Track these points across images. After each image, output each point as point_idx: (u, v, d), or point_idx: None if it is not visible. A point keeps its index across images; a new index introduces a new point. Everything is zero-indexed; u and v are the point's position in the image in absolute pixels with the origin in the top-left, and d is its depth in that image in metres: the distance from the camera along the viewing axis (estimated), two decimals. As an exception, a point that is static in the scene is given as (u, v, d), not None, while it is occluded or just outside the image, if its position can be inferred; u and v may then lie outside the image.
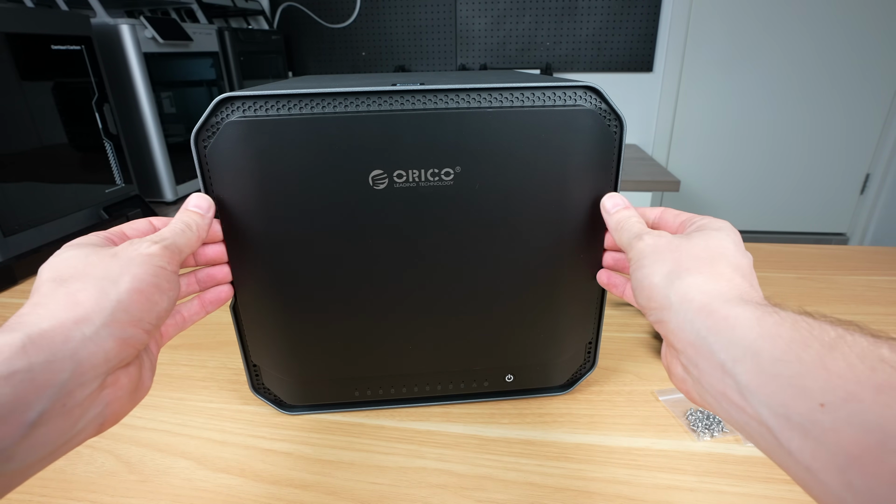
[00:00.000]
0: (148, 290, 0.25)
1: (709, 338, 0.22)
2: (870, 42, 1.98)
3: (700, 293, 0.24)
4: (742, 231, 1.84)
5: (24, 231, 0.77)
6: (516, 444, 0.40)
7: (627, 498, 0.35)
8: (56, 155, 0.84)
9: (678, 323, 0.24)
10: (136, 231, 0.31)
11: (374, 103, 0.33)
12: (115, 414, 0.24)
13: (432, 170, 0.34)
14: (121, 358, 0.24)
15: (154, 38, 1.09)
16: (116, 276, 0.24)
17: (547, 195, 0.36)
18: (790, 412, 0.18)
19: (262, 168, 0.33)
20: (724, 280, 0.24)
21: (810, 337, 0.19)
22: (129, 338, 0.24)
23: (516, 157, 0.34)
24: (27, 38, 0.78)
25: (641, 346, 0.52)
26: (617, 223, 0.33)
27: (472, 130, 0.33)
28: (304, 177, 0.34)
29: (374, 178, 0.34)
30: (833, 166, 2.20)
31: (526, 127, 0.34)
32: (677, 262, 0.26)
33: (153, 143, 1.14)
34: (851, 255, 0.75)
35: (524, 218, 0.36)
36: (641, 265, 0.28)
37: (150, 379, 0.28)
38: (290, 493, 0.36)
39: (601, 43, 2.07)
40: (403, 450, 0.40)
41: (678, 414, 0.42)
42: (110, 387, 0.24)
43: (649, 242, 0.28)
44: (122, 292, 0.24)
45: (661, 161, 2.27)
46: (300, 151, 0.33)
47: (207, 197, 0.33)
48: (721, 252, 0.26)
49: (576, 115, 0.34)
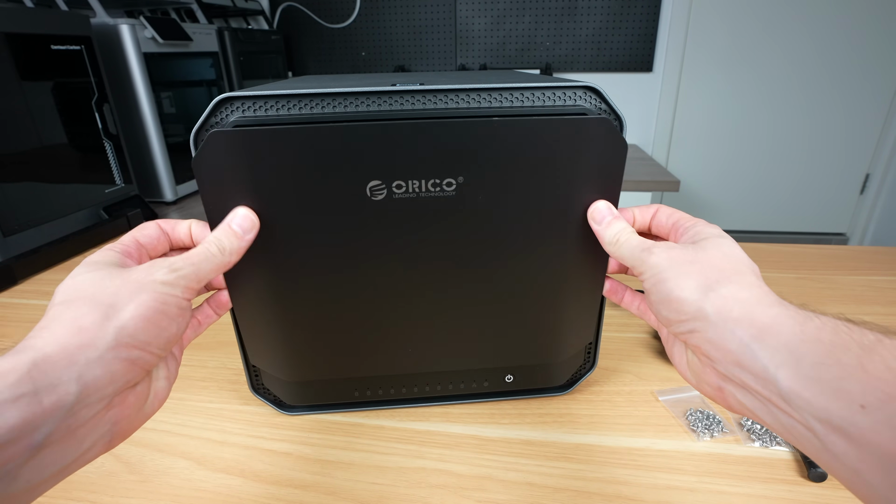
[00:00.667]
0: (155, 318, 0.25)
1: (752, 345, 0.22)
2: (870, 42, 1.98)
3: (737, 302, 0.24)
4: (742, 231, 1.83)
5: (23, 231, 0.76)
6: (516, 444, 0.40)
7: (627, 498, 0.35)
8: (56, 155, 0.84)
9: (718, 333, 0.24)
10: (148, 238, 0.30)
11: (374, 103, 0.33)
12: (123, 431, 0.24)
13: (433, 180, 0.33)
14: (127, 379, 0.24)
15: (154, 38, 1.09)
16: (124, 301, 0.24)
17: (553, 204, 0.34)
18: (832, 415, 0.19)
19: (252, 180, 0.32)
20: (755, 288, 0.25)
21: (850, 340, 0.20)
22: (136, 359, 0.24)
23: (522, 165, 0.33)
24: (27, 38, 0.77)
25: (641, 346, 0.52)
26: (614, 238, 0.32)
27: (474, 137, 0.32)
28: (298, 188, 0.32)
29: (372, 188, 0.33)
30: (833, 166, 2.20)
31: (532, 133, 0.32)
32: (704, 274, 0.26)
33: (153, 144, 1.14)
34: (851, 255, 0.75)
35: (528, 228, 0.35)
36: (662, 279, 0.27)
37: (166, 390, 0.27)
38: (290, 493, 0.36)
39: (601, 43, 2.07)
40: (403, 450, 0.40)
41: (678, 414, 0.42)
42: (117, 406, 0.24)
43: (664, 256, 0.28)
44: (127, 319, 0.23)
45: (661, 161, 2.27)
46: (293, 162, 0.31)
47: (253, 216, 0.32)
48: (739, 260, 0.27)
49: (586, 123, 0.32)
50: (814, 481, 0.35)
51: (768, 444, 0.39)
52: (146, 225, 0.31)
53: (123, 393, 0.24)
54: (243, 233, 0.31)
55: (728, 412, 0.42)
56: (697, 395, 0.44)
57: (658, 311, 0.28)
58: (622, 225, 0.32)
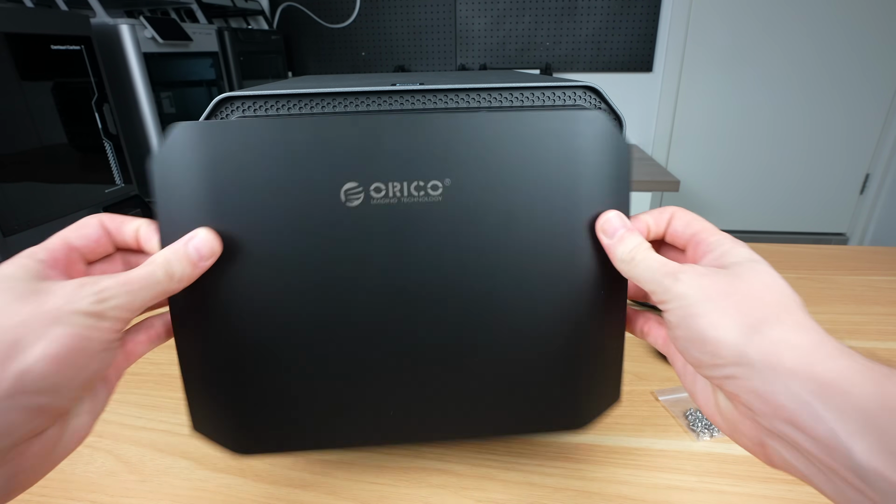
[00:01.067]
0: (71, 357, 0.19)
1: (814, 404, 0.19)
2: (870, 42, 1.98)
3: (791, 349, 0.20)
4: (742, 231, 1.83)
5: (23, 231, 0.77)
6: (516, 443, 0.40)
7: (627, 498, 0.35)
8: (56, 155, 0.84)
9: (766, 384, 0.20)
10: (84, 239, 0.25)
11: (374, 103, 0.33)
12: (23, 483, 0.20)
13: (417, 182, 0.28)
14: (30, 429, 0.19)
15: (154, 38, 1.09)
16: (32, 337, 0.19)
17: (553, 209, 0.29)
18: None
19: (217, 184, 0.27)
20: (811, 331, 0.21)
21: None
22: (43, 407, 0.19)
23: (514, 163, 0.29)
24: (27, 38, 0.78)
25: (640, 346, 0.52)
26: (628, 255, 0.26)
27: (460, 132, 0.28)
28: (256, 191, 0.27)
29: (347, 192, 0.28)
30: (833, 166, 2.20)
31: (522, 126, 0.29)
32: (745, 311, 0.22)
33: (153, 143, 1.14)
34: (851, 255, 0.75)
35: (527, 237, 0.30)
36: (693, 314, 0.23)
37: (87, 426, 0.23)
38: (289, 493, 0.36)
39: (601, 43, 2.07)
40: (403, 450, 0.39)
41: (678, 414, 0.42)
42: (15, 459, 0.19)
43: (694, 284, 0.23)
44: (33, 361, 0.18)
45: (661, 161, 2.27)
46: (253, 162, 0.27)
47: (215, 242, 0.26)
48: (783, 291, 0.22)
49: (578, 117, 0.29)
50: (814, 481, 0.35)
51: (768, 444, 0.39)
52: (85, 222, 0.25)
53: (24, 444, 0.20)
54: (199, 258, 0.25)
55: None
56: (697, 394, 0.44)
57: (686, 350, 0.23)
58: (637, 240, 0.27)
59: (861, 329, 0.54)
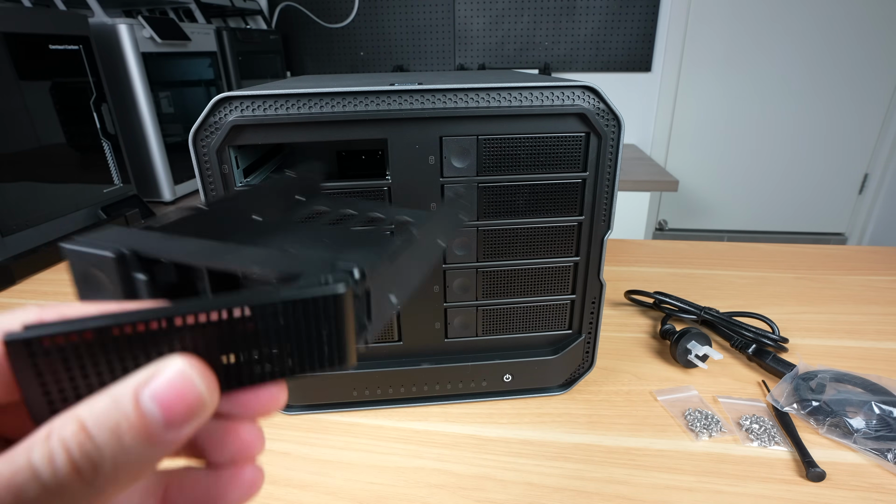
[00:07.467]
0: None
1: None
2: (869, 42, 1.99)
3: None
4: (741, 231, 1.83)
5: (21, 231, 0.76)
6: (515, 443, 0.40)
7: (626, 498, 0.35)
8: (54, 155, 0.84)
9: None
10: None
11: (373, 103, 0.33)
12: None
13: None
14: None
15: (152, 37, 1.09)
16: None
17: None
18: None
19: None
20: None
21: None
22: None
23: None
24: (25, 38, 0.77)
25: (640, 346, 0.52)
26: None
27: None
28: None
29: None
30: (832, 166, 2.20)
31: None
32: None
33: (151, 143, 1.14)
34: (850, 254, 0.75)
35: None
36: None
37: None
38: (289, 493, 0.36)
39: (599, 43, 2.07)
40: (402, 450, 0.39)
41: (676, 414, 0.42)
42: None
43: None
44: None
45: (660, 161, 2.27)
46: None
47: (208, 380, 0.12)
48: None
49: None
50: (812, 481, 0.36)
51: (766, 444, 0.39)
52: None
53: None
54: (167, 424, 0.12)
55: (727, 411, 0.42)
56: (696, 394, 0.44)
57: None
58: None
59: (859, 329, 0.54)
